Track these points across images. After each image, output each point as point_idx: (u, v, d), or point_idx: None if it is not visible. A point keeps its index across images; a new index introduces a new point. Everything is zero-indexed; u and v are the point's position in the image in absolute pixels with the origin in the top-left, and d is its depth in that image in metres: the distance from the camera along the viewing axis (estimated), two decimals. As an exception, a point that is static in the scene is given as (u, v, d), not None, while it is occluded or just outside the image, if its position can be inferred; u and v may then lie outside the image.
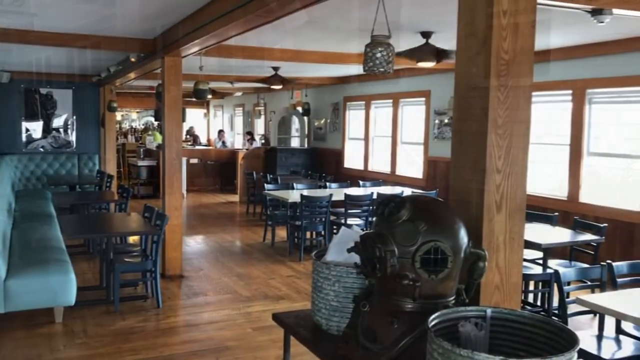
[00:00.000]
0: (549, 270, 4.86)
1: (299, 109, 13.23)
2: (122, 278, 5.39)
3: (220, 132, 17.05)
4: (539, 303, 5.32)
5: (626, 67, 6.37)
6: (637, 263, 4.02)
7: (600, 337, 3.59)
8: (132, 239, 7.30)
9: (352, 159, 11.72)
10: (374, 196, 7.50)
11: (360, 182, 9.42)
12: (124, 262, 5.46)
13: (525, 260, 5.27)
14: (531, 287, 5.29)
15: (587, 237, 5.32)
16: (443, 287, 1.83)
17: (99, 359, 4.22)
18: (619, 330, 3.65)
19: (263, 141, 15.01)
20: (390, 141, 10.45)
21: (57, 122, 11.63)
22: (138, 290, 5.90)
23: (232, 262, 7.21)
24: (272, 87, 9.46)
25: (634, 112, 6.45)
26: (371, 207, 7.52)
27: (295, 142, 14.16)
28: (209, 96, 9.32)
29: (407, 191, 7.98)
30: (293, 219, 7.81)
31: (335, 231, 7.50)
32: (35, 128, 11.43)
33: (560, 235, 5.36)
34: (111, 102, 11.36)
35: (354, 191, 8.29)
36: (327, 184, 9.31)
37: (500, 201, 2.05)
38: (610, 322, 3.67)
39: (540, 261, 5.24)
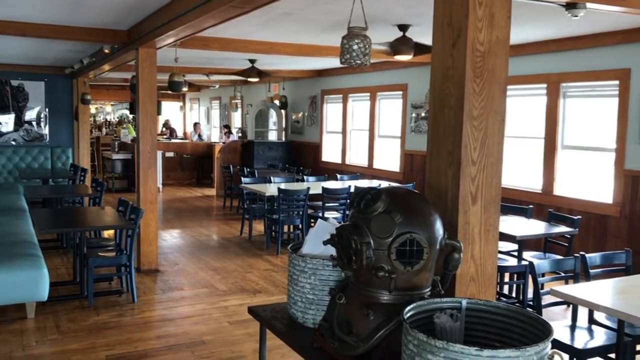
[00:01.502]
0: (523, 262, 4.92)
1: (277, 102, 13.16)
2: (96, 273, 5.31)
3: (196, 125, 16.90)
4: (514, 294, 5.38)
5: (599, 61, 6.46)
6: (610, 254, 4.08)
7: (573, 327, 3.64)
8: (107, 233, 7.20)
9: (330, 153, 11.71)
10: (352, 189, 7.50)
11: (338, 176, 9.42)
12: (98, 257, 5.38)
13: (500, 252, 5.35)
14: (506, 279, 5.35)
15: (561, 229, 5.39)
16: (419, 279, 1.83)
17: (72, 354, 4.15)
18: (592, 320, 3.70)
19: (240, 134, 14.92)
20: (368, 135, 10.47)
21: (30, 114, 11.41)
22: (112, 285, 5.83)
23: (208, 256, 7.16)
24: (249, 79, 9.39)
25: (606, 105, 6.54)
26: (349, 201, 7.52)
27: (272, 136, 14.10)
28: (185, 89, 9.22)
29: (385, 184, 8.00)
30: (270, 212, 7.78)
31: (313, 224, 7.50)
32: (6, 121, 11.20)
33: (534, 227, 5.42)
34: (84, 95, 11.18)
35: (331, 185, 8.29)
36: (305, 177, 9.29)
37: (475, 193, 2.06)
38: (583, 313, 3.73)
39: (516, 253, 5.29)
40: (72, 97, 11.72)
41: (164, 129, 17.98)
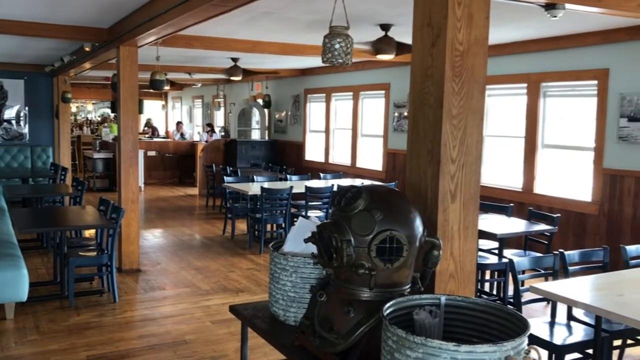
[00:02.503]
0: (504, 260, 4.98)
1: (260, 101, 13.14)
2: (76, 272, 5.26)
3: (179, 123, 16.80)
4: (495, 292, 5.43)
5: (579, 61, 6.54)
6: (588, 252, 4.14)
7: (552, 324, 3.68)
8: (88, 232, 7.14)
9: (313, 152, 11.72)
10: (335, 188, 7.52)
11: (321, 175, 9.43)
12: (79, 256, 5.32)
13: (481, 250, 5.40)
14: (487, 277, 5.40)
15: (541, 227, 5.45)
16: (398, 276, 1.84)
17: (52, 355, 4.11)
18: (570, 317, 3.76)
19: (223, 133, 14.87)
20: (351, 134, 10.50)
21: (9, 113, 11.26)
22: (94, 285, 5.78)
23: (190, 255, 7.13)
24: (232, 78, 9.36)
25: (585, 105, 6.63)
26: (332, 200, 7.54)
27: (255, 135, 14.08)
28: (167, 87, 9.18)
29: (367, 183, 8.02)
30: (253, 211, 7.77)
31: (296, 223, 7.48)
32: (-16, 119, 11.05)
33: (515, 225, 5.48)
34: (65, 93, 11.07)
35: (314, 183, 8.29)
36: (288, 176, 9.28)
37: (454, 191, 2.08)
38: (562, 309, 3.78)
39: (496, 251, 5.34)
40: (53, 95, 11.60)
41: (145, 128, 17.85)
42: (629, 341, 3.97)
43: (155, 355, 4.17)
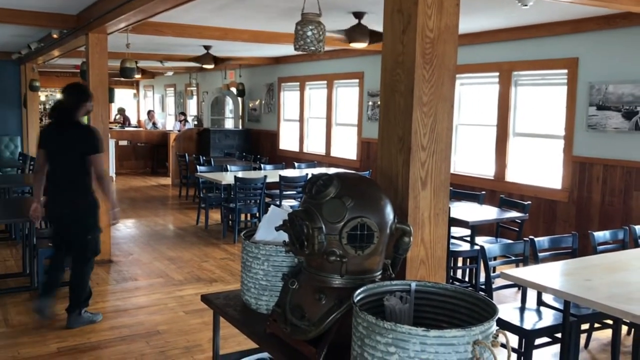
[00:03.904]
0: (475, 247, 5.03)
1: (233, 89, 13.04)
2: (46, 264, 5.17)
3: (150, 112, 16.59)
4: (467, 279, 5.50)
5: (549, 50, 6.62)
6: (557, 238, 4.21)
7: (522, 309, 3.74)
8: (58, 223, 7.02)
9: (288, 141, 11.69)
10: (309, 177, 7.50)
11: (296, 164, 9.41)
12: (48, 247, 5.23)
13: (453, 237, 5.46)
14: (460, 264, 5.46)
15: (512, 214, 5.53)
16: (369, 263, 1.84)
17: (22, 348, 4.04)
18: (540, 302, 3.82)
19: (196, 122, 14.73)
20: (325, 123, 10.48)
21: (-25, 102, 11.00)
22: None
23: (163, 245, 7.07)
24: (204, 66, 9.26)
25: (555, 93, 6.72)
26: (305, 188, 7.52)
27: (229, 124, 13.97)
28: (138, 76, 9.04)
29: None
30: (227, 201, 7.73)
31: (269, 212, 7.46)
32: (-51, 108, 10.77)
33: (487, 213, 5.54)
34: (33, 81, 10.83)
35: (289, 173, 8.27)
36: (262, 165, 9.24)
37: (425, 178, 2.09)
38: (532, 295, 3.84)
39: (468, 238, 5.41)
40: (20, 83, 11.34)
41: (117, 117, 17.58)
42: (596, 325, 4.07)
43: (127, 346, 4.13)
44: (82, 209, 4.27)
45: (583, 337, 4.04)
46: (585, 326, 3.94)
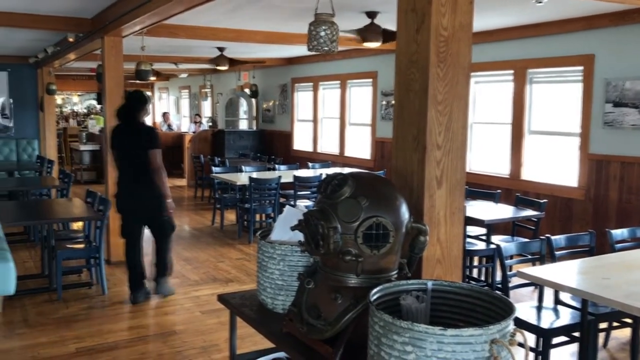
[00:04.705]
0: (491, 246, 5.01)
1: (247, 90, 13.08)
2: (65, 265, 5.23)
3: (165, 114, 16.68)
4: (483, 278, 5.47)
5: (564, 47, 6.57)
6: (574, 236, 4.18)
7: (539, 308, 3.72)
8: (76, 225, 7.10)
9: (301, 141, 11.70)
10: (323, 177, 7.51)
11: (309, 164, 9.42)
12: (67, 249, 5.30)
13: (469, 236, 5.43)
14: (475, 262, 5.44)
15: (528, 212, 5.49)
16: (385, 262, 1.85)
17: (40, 348, 4.10)
18: (557, 301, 3.79)
19: (210, 124, 14.79)
20: (339, 122, 10.49)
21: (-7, 106, 11.14)
22: (82, 277, 5.75)
23: (179, 246, 7.11)
24: (219, 67, 9.29)
25: (571, 90, 6.66)
26: (320, 188, 7.53)
27: (243, 125, 14.01)
28: (153, 78, 9.09)
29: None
30: (242, 201, 7.76)
31: (284, 213, 7.48)
32: (-32, 113, 10.92)
33: (502, 211, 5.51)
34: (50, 85, 10.95)
35: (303, 173, 8.28)
36: (276, 166, 9.27)
37: (440, 177, 2.08)
38: (549, 293, 3.81)
39: (484, 237, 5.38)
40: (37, 87, 11.47)
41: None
42: (615, 323, 4.03)
43: (145, 346, 4.17)
44: (156, 196, 4.88)
45: (601, 336, 4.00)
46: (603, 325, 3.90)
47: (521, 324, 3.37)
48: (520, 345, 1.53)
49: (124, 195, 4.96)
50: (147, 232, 5.15)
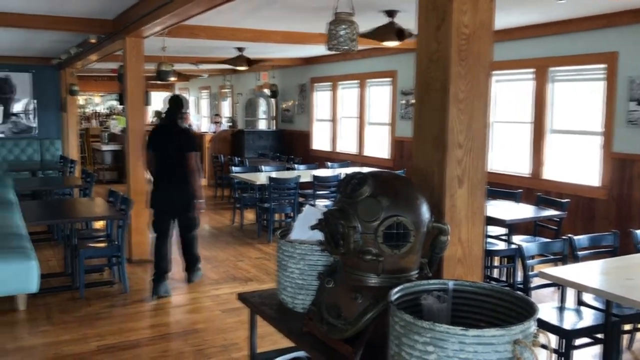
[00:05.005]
0: (513, 246, 4.96)
1: (266, 90, 13.12)
2: (87, 264, 5.29)
3: (185, 114, 16.79)
4: (504, 278, 5.42)
5: (586, 45, 6.48)
6: (597, 236, 4.12)
7: (562, 309, 3.67)
8: (98, 224, 7.18)
9: (320, 141, 11.70)
10: (342, 177, 7.51)
11: (328, 164, 9.42)
12: (89, 248, 5.36)
13: (490, 236, 5.38)
14: (496, 263, 5.39)
15: (550, 212, 5.43)
16: (406, 262, 1.84)
17: (63, 345, 4.15)
18: (580, 302, 3.74)
19: (230, 124, 14.86)
20: (358, 122, 10.47)
21: (17, 107, 11.32)
22: (104, 276, 5.82)
23: (200, 245, 7.12)
24: (238, 68, 9.33)
25: (593, 89, 6.57)
26: (339, 188, 7.52)
27: (262, 125, 14.06)
28: (174, 78, 9.16)
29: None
30: (261, 201, 7.78)
31: (303, 212, 7.49)
32: (-7, 113, 11.11)
33: (524, 211, 5.45)
34: (72, 86, 11.09)
35: (322, 172, 8.29)
36: (295, 165, 9.29)
37: (462, 176, 2.07)
38: (571, 294, 3.77)
39: (505, 237, 5.33)
40: (60, 88, 11.63)
41: (154, 119, 17.86)
42: (639, 325, 3.96)
43: (166, 344, 4.20)
44: (189, 196, 5.17)
45: (625, 338, 3.94)
46: (627, 327, 3.85)
47: (543, 325, 3.33)
48: (543, 346, 1.51)
49: (160, 194, 5.21)
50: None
